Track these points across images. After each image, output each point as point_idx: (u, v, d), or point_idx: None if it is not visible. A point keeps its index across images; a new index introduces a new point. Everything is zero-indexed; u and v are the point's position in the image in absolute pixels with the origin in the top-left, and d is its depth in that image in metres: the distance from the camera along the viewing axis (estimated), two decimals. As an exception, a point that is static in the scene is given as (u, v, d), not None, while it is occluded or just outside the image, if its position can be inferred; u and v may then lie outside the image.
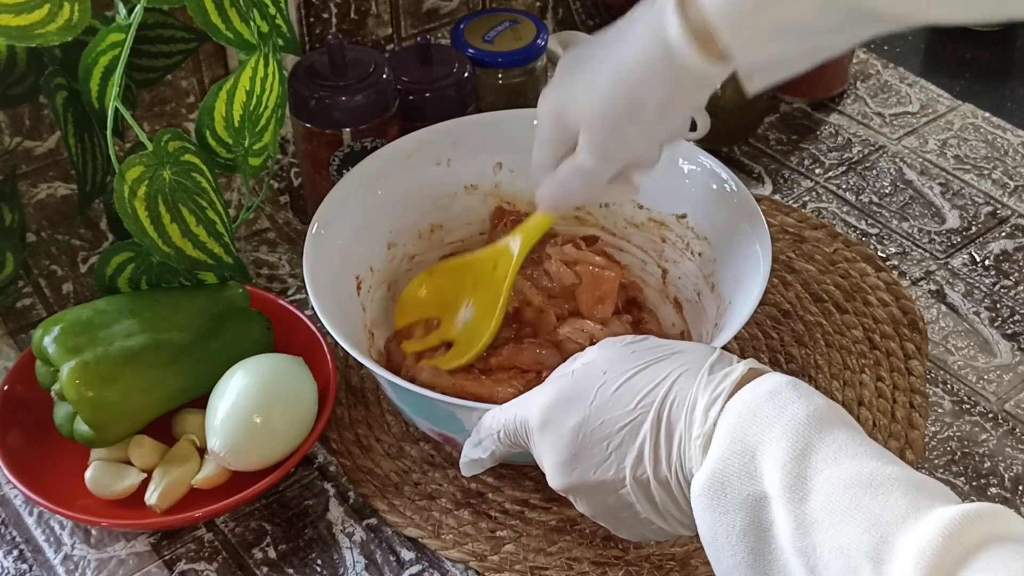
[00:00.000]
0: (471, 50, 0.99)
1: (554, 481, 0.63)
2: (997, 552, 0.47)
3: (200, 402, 0.80)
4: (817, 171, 1.06)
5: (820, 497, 0.52)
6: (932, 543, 0.47)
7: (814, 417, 0.54)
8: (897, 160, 1.07)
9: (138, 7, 0.78)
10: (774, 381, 0.57)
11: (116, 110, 0.78)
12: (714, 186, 0.85)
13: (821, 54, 0.68)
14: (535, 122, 0.75)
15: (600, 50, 0.71)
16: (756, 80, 0.67)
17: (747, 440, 0.55)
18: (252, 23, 0.80)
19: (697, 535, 0.58)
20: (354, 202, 0.85)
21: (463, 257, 0.85)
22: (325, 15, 1.06)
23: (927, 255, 0.97)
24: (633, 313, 0.86)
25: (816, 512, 0.51)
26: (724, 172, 0.85)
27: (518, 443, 0.65)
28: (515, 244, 0.82)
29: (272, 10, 0.84)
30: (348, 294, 0.83)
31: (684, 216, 0.87)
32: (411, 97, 0.94)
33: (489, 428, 0.67)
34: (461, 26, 1.02)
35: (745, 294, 0.78)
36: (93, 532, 0.78)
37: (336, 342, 0.90)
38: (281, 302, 0.87)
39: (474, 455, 0.69)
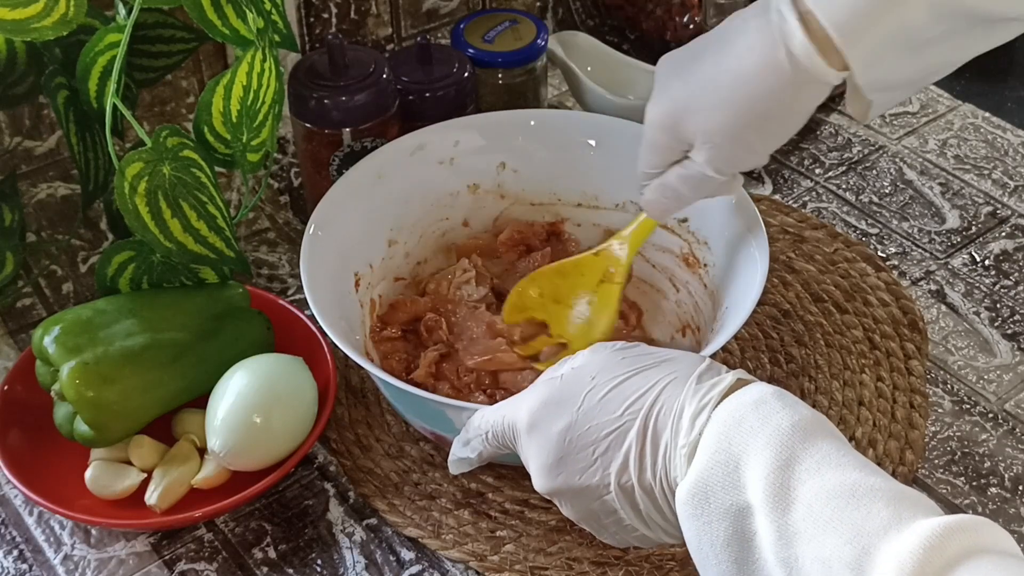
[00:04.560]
0: (471, 50, 0.99)
1: (539, 484, 0.63)
2: (978, 564, 0.47)
3: (200, 402, 0.80)
4: (817, 171, 1.06)
5: (803, 508, 0.52)
6: (913, 555, 0.47)
7: (798, 427, 0.54)
8: (897, 160, 1.07)
9: (135, 7, 0.78)
10: (759, 391, 0.57)
11: (115, 109, 0.78)
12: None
13: (935, 70, 0.69)
14: (639, 128, 0.75)
15: (710, 57, 0.70)
16: (876, 104, 0.68)
17: (731, 450, 0.55)
18: (248, 19, 0.80)
19: (681, 542, 0.58)
20: (354, 200, 0.85)
21: (572, 259, 0.85)
22: (325, 15, 1.06)
23: (927, 255, 0.97)
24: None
25: (798, 523, 0.52)
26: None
27: (506, 444, 0.65)
28: (622, 248, 0.82)
29: (268, 6, 0.84)
30: (346, 291, 0.83)
31: (685, 220, 0.87)
32: (411, 97, 0.94)
33: (478, 428, 0.67)
34: (461, 26, 1.02)
35: (741, 299, 0.77)
36: (93, 532, 0.78)
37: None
38: (281, 302, 0.87)
39: (462, 454, 0.69)
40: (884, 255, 0.97)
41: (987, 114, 1.11)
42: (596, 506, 0.61)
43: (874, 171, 1.05)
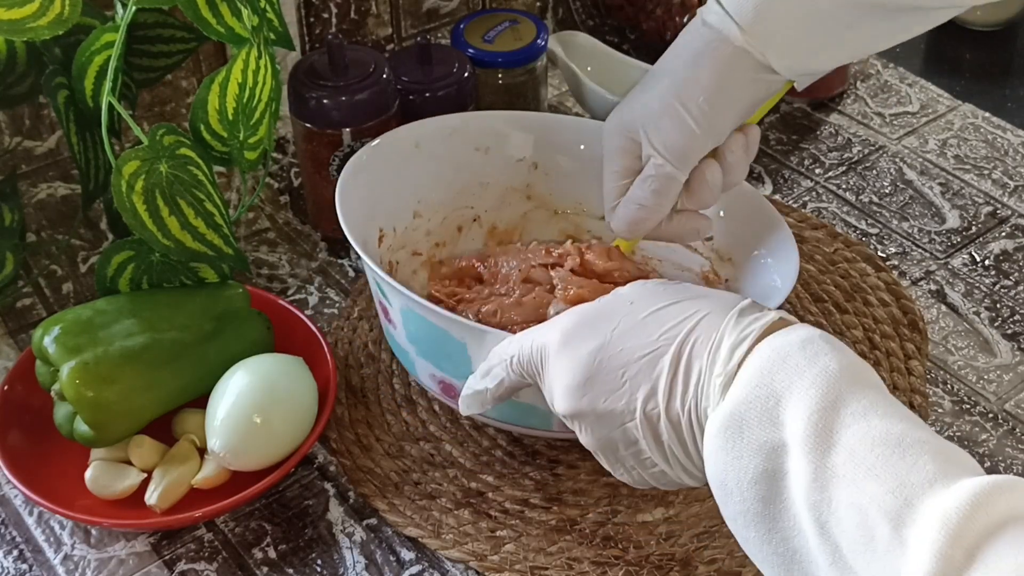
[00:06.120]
0: (471, 50, 0.99)
1: (562, 404, 0.62)
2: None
3: (200, 402, 0.80)
4: (817, 171, 1.06)
5: (845, 451, 0.51)
6: (959, 510, 0.47)
7: (846, 371, 0.53)
8: (897, 160, 1.07)
9: (129, 7, 0.78)
10: (807, 332, 0.56)
11: (111, 108, 0.78)
12: (739, 204, 0.84)
13: (855, 54, 0.77)
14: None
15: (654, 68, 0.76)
16: (800, 81, 0.74)
17: (773, 385, 0.54)
18: (243, 16, 0.80)
19: (701, 484, 0.57)
20: (391, 160, 0.86)
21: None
22: (325, 15, 1.06)
23: (927, 255, 0.97)
24: None
25: (839, 466, 0.51)
26: (751, 191, 0.84)
27: (531, 371, 0.64)
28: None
29: (263, 3, 0.84)
30: (372, 241, 0.84)
31: (710, 239, 0.86)
32: (411, 97, 0.94)
33: (503, 353, 0.66)
34: (461, 26, 1.02)
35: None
36: (93, 532, 0.78)
37: (336, 342, 0.90)
38: (281, 302, 0.87)
39: (479, 386, 0.68)
40: (884, 255, 0.97)
41: (987, 114, 1.11)
42: (617, 434, 0.60)
43: (874, 171, 1.05)
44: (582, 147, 0.89)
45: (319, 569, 0.76)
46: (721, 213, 0.85)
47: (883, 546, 0.48)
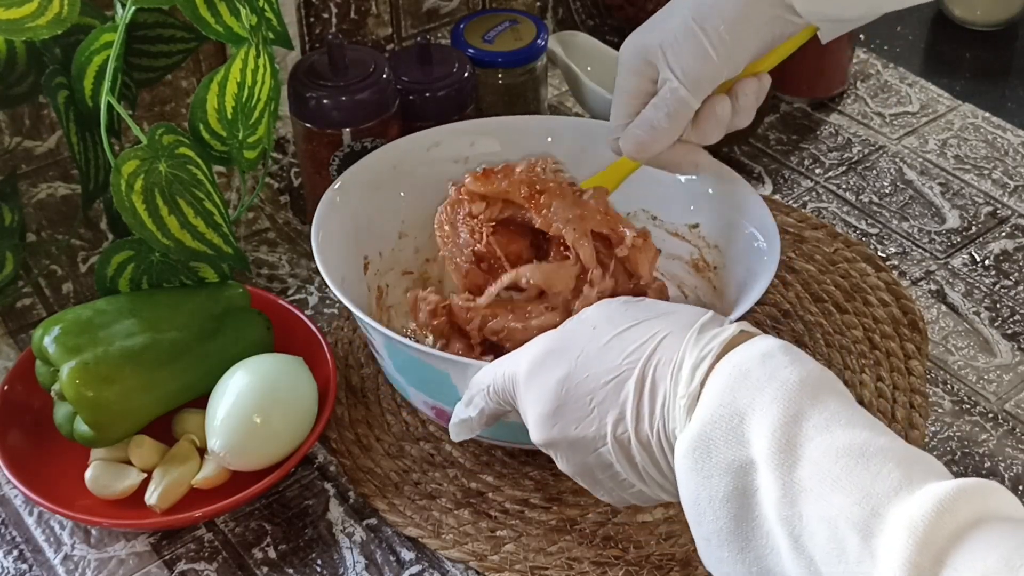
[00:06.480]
0: (471, 50, 0.99)
1: (535, 434, 0.62)
2: (989, 531, 0.47)
3: (200, 402, 0.80)
4: (817, 171, 1.06)
5: (810, 465, 0.51)
6: (925, 517, 0.47)
7: (807, 383, 0.53)
8: (897, 160, 1.07)
9: (129, 7, 0.78)
10: (766, 344, 0.56)
11: (110, 107, 0.78)
12: (725, 192, 0.84)
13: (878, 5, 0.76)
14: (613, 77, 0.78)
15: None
16: (824, 30, 0.75)
17: (735, 403, 0.54)
18: (241, 16, 0.80)
19: (679, 499, 0.58)
20: (368, 187, 0.86)
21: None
22: (325, 15, 1.06)
23: (927, 255, 0.97)
24: None
25: (805, 480, 0.51)
26: (737, 178, 0.84)
27: (506, 399, 0.65)
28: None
29: (261, 2, 0.84)
30: (355, 271, 0.83)
31: (697, 226, 0.86)
32: (411, 97, 0.94)
33: (480, 383, 0.66)
34: (461, 26, 1.02)
35: (746, 294, 0.77)
36: (93, 532, 0.78)
37: (336, 342, 0.90)
38: (281, 302, 0.87)
39: (464, 415, 0.68)
40: (884, 255, 0.97)
41: (987, 114, 1.11)
42: (591, 459, 0.60)
43: (874, 171, 1.05)
44: (549, 139, 0.89)
45: (319, 569, 0.76)
46: (710, 191, 0.85)
47: (854, 557, 0.48)
